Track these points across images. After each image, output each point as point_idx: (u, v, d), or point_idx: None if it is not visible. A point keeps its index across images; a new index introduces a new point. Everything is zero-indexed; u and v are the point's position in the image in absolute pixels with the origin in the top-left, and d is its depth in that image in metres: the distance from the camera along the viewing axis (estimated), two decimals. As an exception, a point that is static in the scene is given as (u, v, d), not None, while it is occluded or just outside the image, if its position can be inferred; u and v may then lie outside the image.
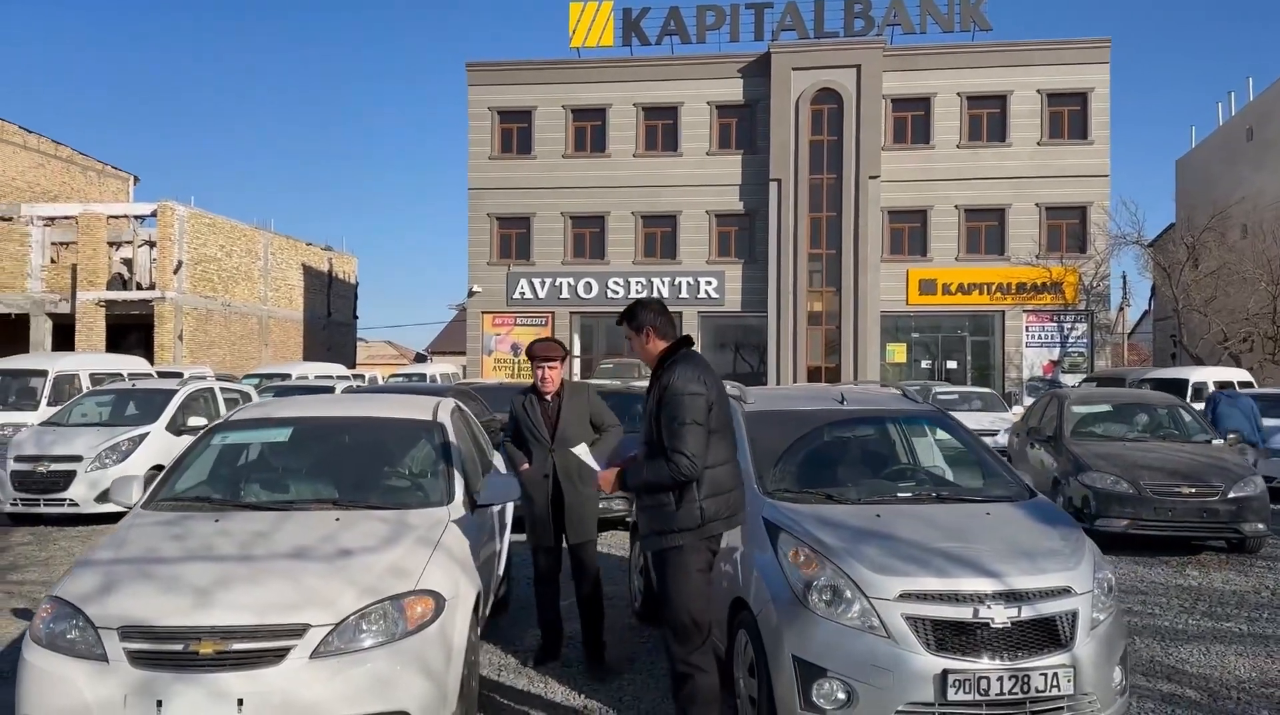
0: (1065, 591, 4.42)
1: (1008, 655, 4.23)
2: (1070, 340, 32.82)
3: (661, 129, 34.08)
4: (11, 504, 11.02)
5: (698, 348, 4.96)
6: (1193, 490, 9.33)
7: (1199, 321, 30.72)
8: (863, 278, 32.21)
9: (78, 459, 11.02)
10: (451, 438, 5.80)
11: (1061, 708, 4.28)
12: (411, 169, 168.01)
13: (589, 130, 34.32)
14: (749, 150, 33.47)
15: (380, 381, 26.00)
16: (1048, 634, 4.33)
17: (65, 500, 10.88)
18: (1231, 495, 9.29)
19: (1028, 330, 32.90)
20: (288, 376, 21.48)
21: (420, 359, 50.77)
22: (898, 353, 33.66)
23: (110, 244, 36.00)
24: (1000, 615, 4.27)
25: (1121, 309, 41.20)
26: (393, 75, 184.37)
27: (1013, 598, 4.32)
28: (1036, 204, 32.45)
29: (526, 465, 5.87)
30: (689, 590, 4.27)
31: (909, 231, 33.23)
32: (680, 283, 33.65)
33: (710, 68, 33.75)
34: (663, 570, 4.35)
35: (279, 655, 4.02)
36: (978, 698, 4.18)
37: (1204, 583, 8.47)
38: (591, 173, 34.01)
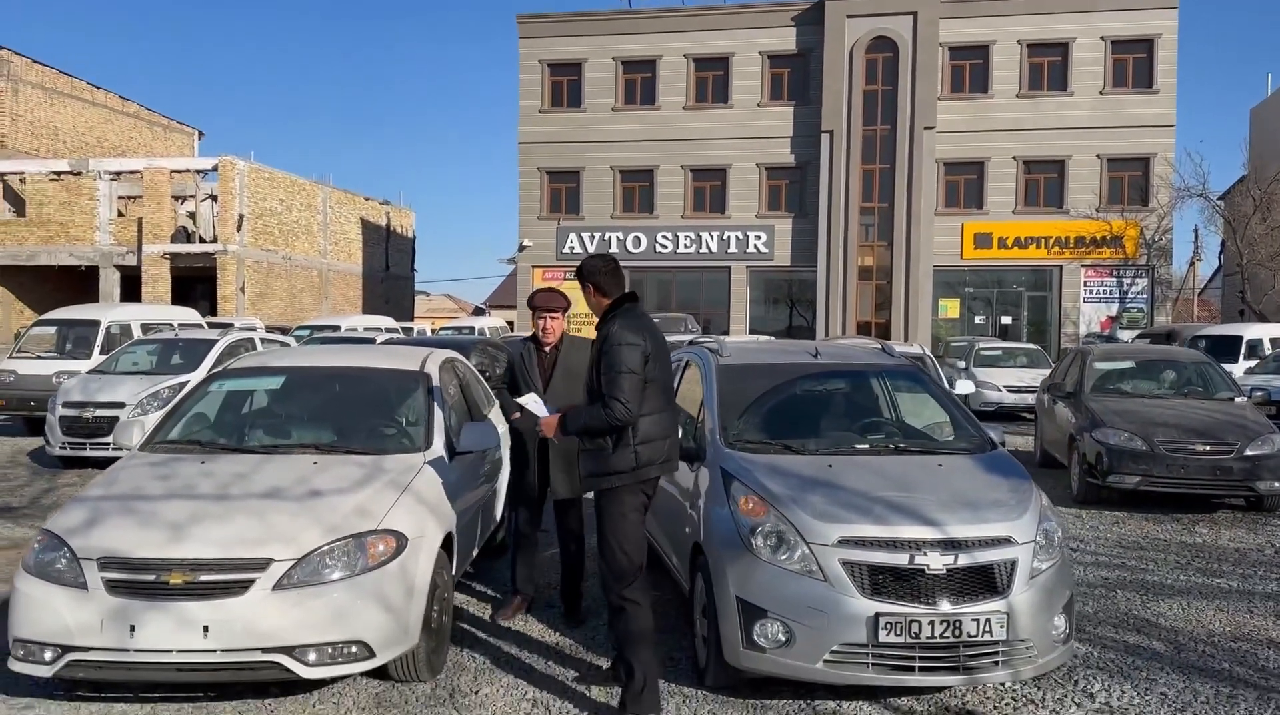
0: (1005, 541, 4.51)
1: (941, 601, 4.34)
2: (1130, 296, 32.06)
3: (712, 80, 33.77)
4: (60, 447, 11.60)
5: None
6: (1207, 447, 9.21)
7: (1265, 277, 29.80)
8: (915, 231, 31.74)
9: (121, 405, 11.53)
10: (435, 388, 6.02)
11: (996, 653, 4.38)
12: (471, 123, 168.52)
13: (639, 83, 34.14)
14: (801, 101, 33.03)
15: (429, 334, 26.49)
16: (984, 581, 4.43)
17: (109, 444, 11.41)
18: (1248, 453, 9.16)
19: (1086, 285, 32.19)
20: (337, 328, 22.01)
21: (479, 312, 51.48)
22: (951, 308, 33.20)
23: (175, 198, 36.99)
24: (936, 562, 4.38)
25: (1193, 264, 40.08)
26: (449, 29, 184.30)
27: (950, 545, 4.42)
28: (1098, 155, 31.55)
29: (517, 414, 6.00)
30: (623, 530, 4.52)
31: (965, 184, 32.59)
32: (729, 237, 33.52)
33: (763, 16, 33.25)
34: (600, 511, 4.62)
35: (243, 586, 4.31)
36: (909, 640, 4.30)
37: (1210, 540, 8.42)
38: (641, 126, 33.89)
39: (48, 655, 4.32)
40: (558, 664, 5.29)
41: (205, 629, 4.22)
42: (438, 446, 5.61)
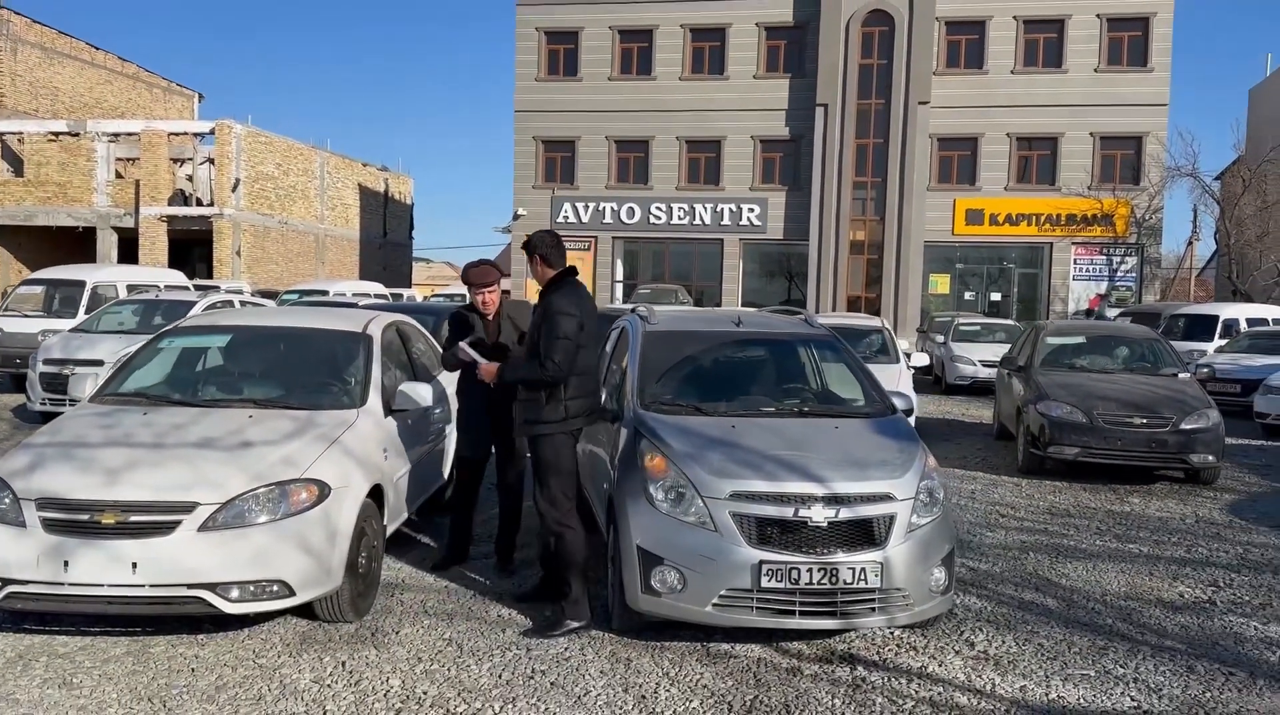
0: (886, 497, 4.82)
1: (820, 550, 4.66)
2: (1119, 274, 32.25)
3: (709, 51, 33.80)
4: (41, 403, 11.94)
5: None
6: (1143, 421, 9.50)
7: (1253, 256, 29.96)
8: (908, 207, 31.89)
9: (99, 363, 11.83)
10: (376, 349, 6.30)
11: (872, 600, 4.71)
12: (471, 90, 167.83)
13: (635, 52, 34.19)
14: (797, 74, 33.07)
15: (418, 300, 26.78)
16: (863, 534, 4.75)
17: (79, 401, 11.71)
18: (1183, 427, 9.45)
19: (1076, 263, 32.38)
20: (325, 292, 22.29)
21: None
22: (941, 284, 33.42)
23: (173, 160, 37.20)
24: (819, 515, 4.69)
25: (1190, 243, 40.23)
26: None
27: (833, 500, 4.74)
28: (1091, 133, 31.64)
29: (467, 357, 6.03)
30: (556, 465, 5.28)
31: (958, 159, 32.70)
32: (723, 209, 33.69)
33: (760, -13, 33.25)
34: (536, 451, 5.34)
35: (170, 527, 4.64)
36: (789, 585, 4.63)
37: (1138, 509, 8.72)
38: (637, 96, 33.98)
39: (-11, 587, 4.65)
40: (481, 608, 5.62)
41: (134, 565, 4.55)
42: (373, 404, 5.91)
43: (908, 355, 12.07)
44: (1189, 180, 31.61)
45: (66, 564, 4.55)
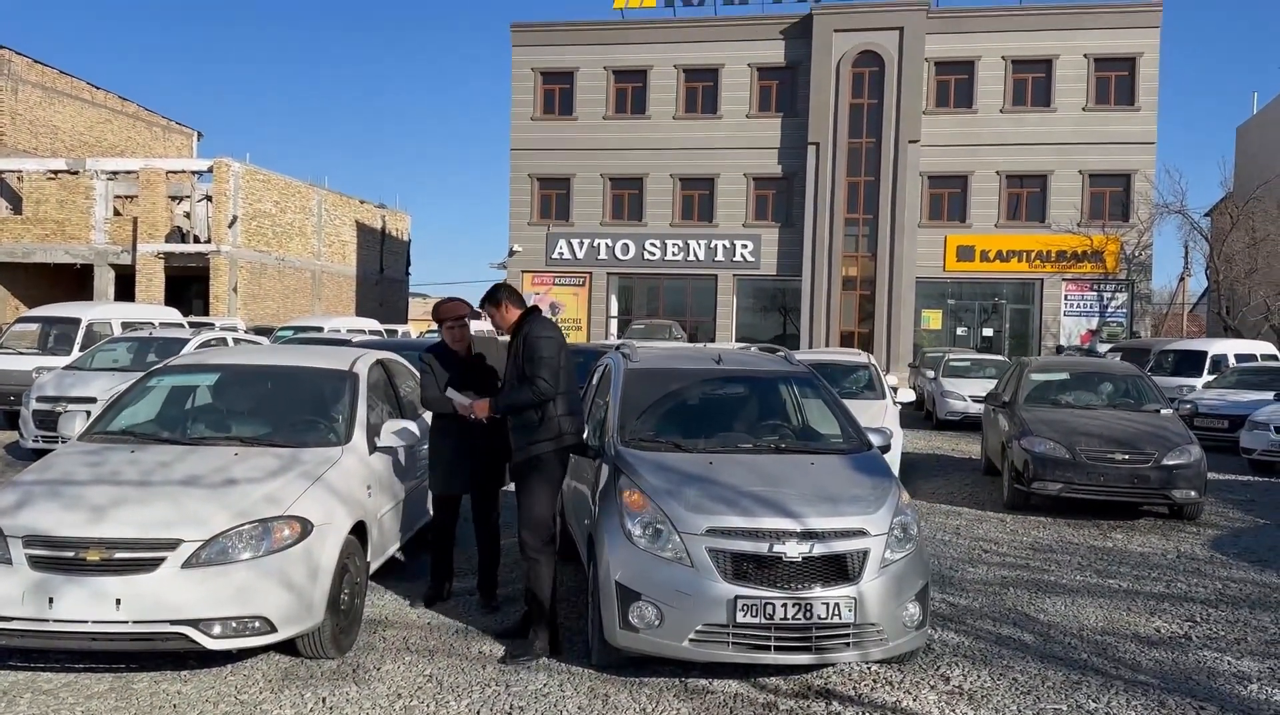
0: (859, 533, 4.90)
1: (795, 586, 4.73)
2: (1110, 310, 32.44)
3: (702, 91, 34.23)
4: (33, 441, 12.00)
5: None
6: (1126, 456, 9.59)
7: (1242, 292, 30.18)
8: (899, 243, 32.17)
9: (92, 401, 11.89)
10: (362, 387, 6.41)
11: (846, 635, 4.77)
12: (468, 128, 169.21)
13: (630, 92, 34.61)
14: (789, 113, 33.47)
15: (413, 336, 26.90)
16: (837, 569, 4.82)
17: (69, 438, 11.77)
18: (1165, 462, 9.53)
19: (1067, 299, 32.58)
20: (320, 329, 22.40)
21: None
22: (933, 319, 33.61)
23: (172, 198, 37.44)
24: (793, 550, 4.77)
25: (1182, 279, 40.47)
26: (445, 37, 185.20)
27: (807, 536, 4.81)
28: (1080, 171, 31.97)
29: (460, 403, 6.14)
30: (542, 493, 5.45)
31: (948, 197, 33.02)
32: (716, 245, 33.95)
33: (752, 29, 33.72)
34: (525, 476, 5.53)
35: (154, 564, 4.70)
36: (764, 621, 4.70)
37: (1120, 545, 8.78)
38: (631, 135, 34.35)
39: (-27, 624, 4.70)
40: (463, 644, 5.67)
41: (118, 602, 4.61)
42: (357, 441, 6.00)
43: (895, 390, 12.16)
44: (1178, 217, 31.94)
45: (51, 600, 4.61)
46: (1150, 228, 31.51)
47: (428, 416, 7.26)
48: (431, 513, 7.35)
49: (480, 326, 32.25)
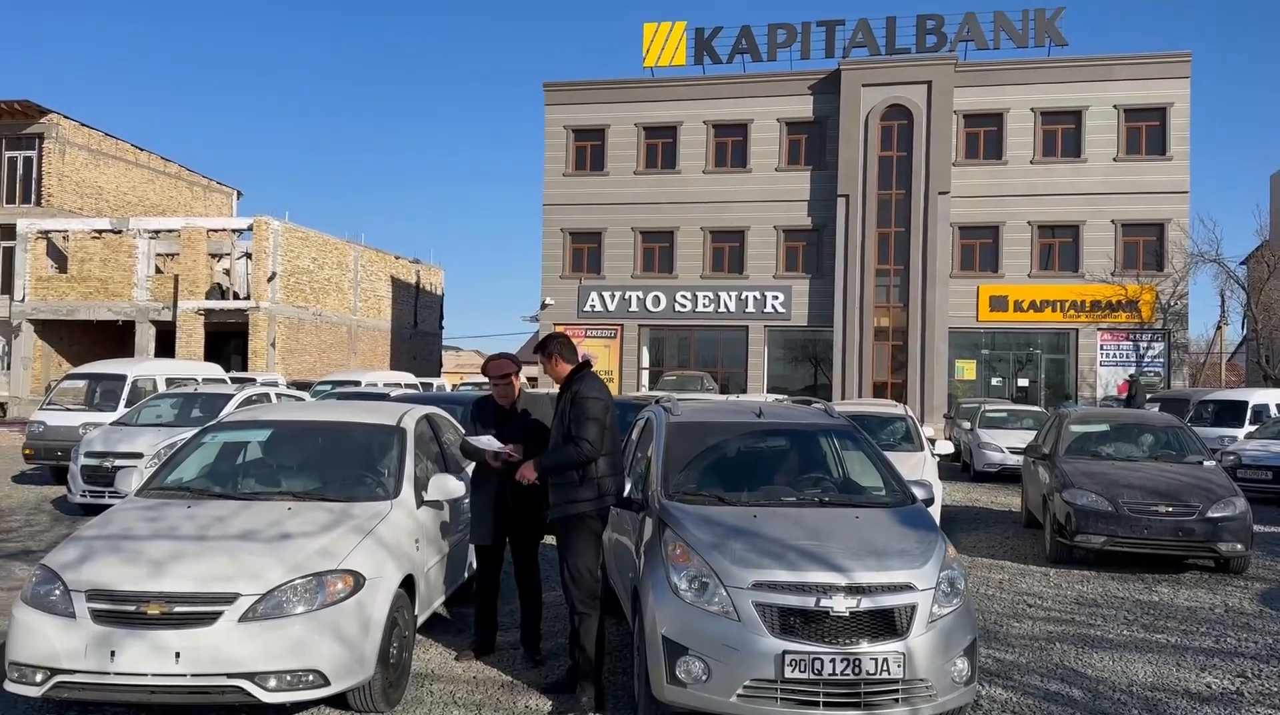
0: (906, 587, 4.90)
1: (843, 641, 4.74)
2: (1146, 359, 32.15)
3: (731, 146, 34.63)
4: (81, 496, 12.22)
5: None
6: (1169, 509, 9.50)
7: (1280, 341, 29.88)
8: (931, 293, 32.16)
9: (139, 456, 12.16)
10: (410, 442, 6.53)
11: (895, 690, 4.76)
12: (500, 184, 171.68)
13: (660, 147, 35.08)
14: (818, 166, 33.75)
15: (447, 389, 27.13)
16: (885, 624, 4.82)
17: (127, 494, 12.00)
18: (1210, 515, 9.43)
19: (1102, 348, 32.34)
20: (358, 383, 22.69)
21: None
22: (967, 370, 33.44)
23: (212, 255, 38.25)
24: (840, 605, 4.78)
25: (1219, 328, 40.09)
26: (480, 96, 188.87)
27: (855, 590, 4.83)
28: (1112, 221, 31.91)
29: (497, 452, 6.14)
30: (585, 548, 5.57)
31: (980, 247, 33.02)
32: (747, 297, 34.10)
33: (781, 85, 34.17)
34: (566, 533, 5.62)
35: (212, 618, 4.80)
36: (813, 676, 4.70)
37: (1167, 598, 8.68)
38: (662, 189, 34.75)
39: (38, 677, 4.81)
40: (509, 699, 5.71)
41: (177, 655, 4.70)
42: (406, 495, 6.10)
43: (932, 441, 12.13)
44: (1213, 265, 31.73)
45: (113, 654, 4.71)
46: (1185, 277, 31.33)
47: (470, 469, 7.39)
48: (473, 565, 7.45)
49: (530, 372, 32.28)
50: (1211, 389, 25.10)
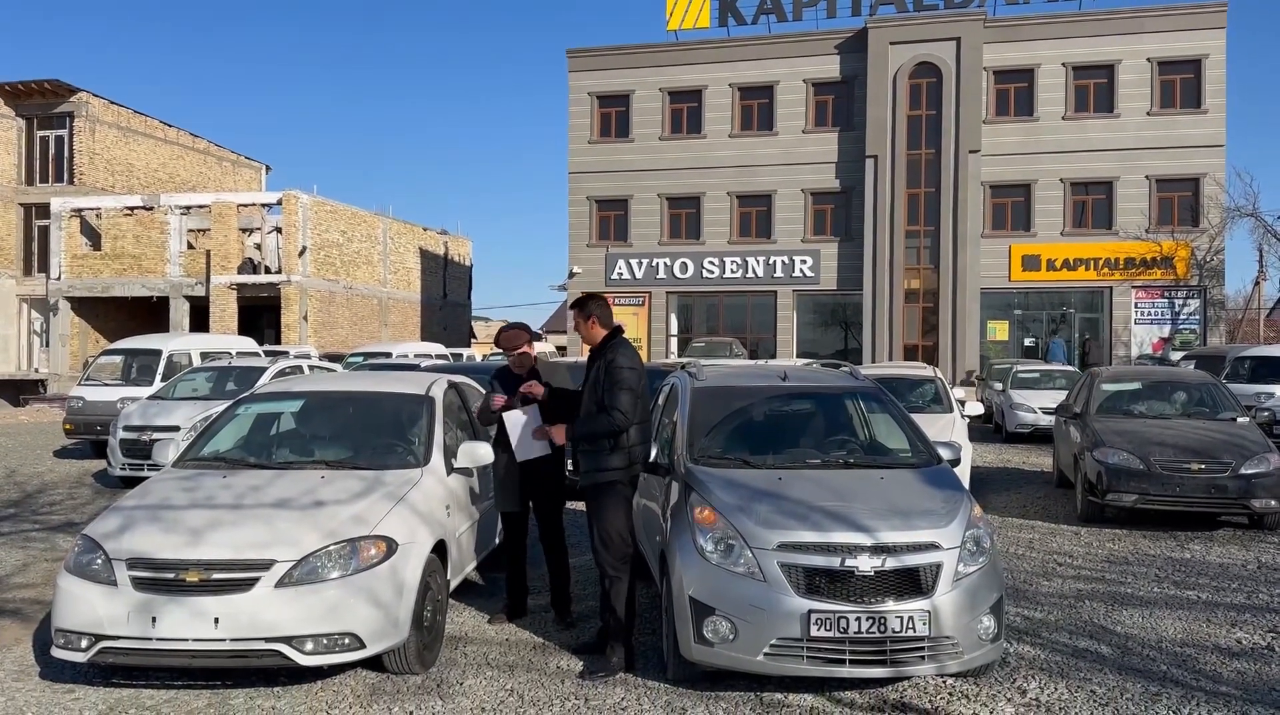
0: (932, 546, 4.93)
1: (868, 600, 4.79)
2: (1182, 317, 31.73)
3: (757, 108, 34.34)
4: (120, 469, 12.47)
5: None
6: (1202, 466, 9.43)
7: (1321, 296, 29.31)
8: (962, 254, 31.86)
9: (176, 429, 12.35)
10: (438, 410, 6.62)
11: (921, 648, 4.81)
12: (526, 153, 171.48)
13: (685, 112, 34.86)
14: (845, 127, 33.42)
15: (477, 359, 27.31)
16: (911, 583, 4.86)
17: (164, 466, 12.22)
18: (1243, 471, 9.35)
19: (1137, 307, 31.95)
20: (389, 355, 22.91)
21: (535, 338, 52.37)
22: (999, 330, 33.16)
23: (242, 230, 38.55)
24: (865, 564, 4.82)
25: (1257, 284, 39.46)
26: (504, 66, 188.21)
27: (879, 550, 4.87)
28: (1146, 176, 31.40)
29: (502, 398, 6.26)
30: (616, 513, 5.62)
31: (1011, 206, 32.63)
32: (775, 261, 33.95)
33: (807, 45, 33.78)
34: (597, 499, 5.66)
35: (250, 584, 4.92)
36: (839, 634, 4.75)
37: (1199, 556, 8.64)
38: (688, 154, 34.56)
39: (83, 644, 4.97)
40: (541, 660, 5.81)
41: (216, 621, 4.84)
42: (435, 463, 6.20)
43: (962, 403, 12.08)
44: (1250, 220, 31.16)
45: (154, 620, 4.85)
46: (1221, 232, 30.83)
47: None
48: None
49: (543, 348, 32.51)
50: (1249, 345, 24.73)
